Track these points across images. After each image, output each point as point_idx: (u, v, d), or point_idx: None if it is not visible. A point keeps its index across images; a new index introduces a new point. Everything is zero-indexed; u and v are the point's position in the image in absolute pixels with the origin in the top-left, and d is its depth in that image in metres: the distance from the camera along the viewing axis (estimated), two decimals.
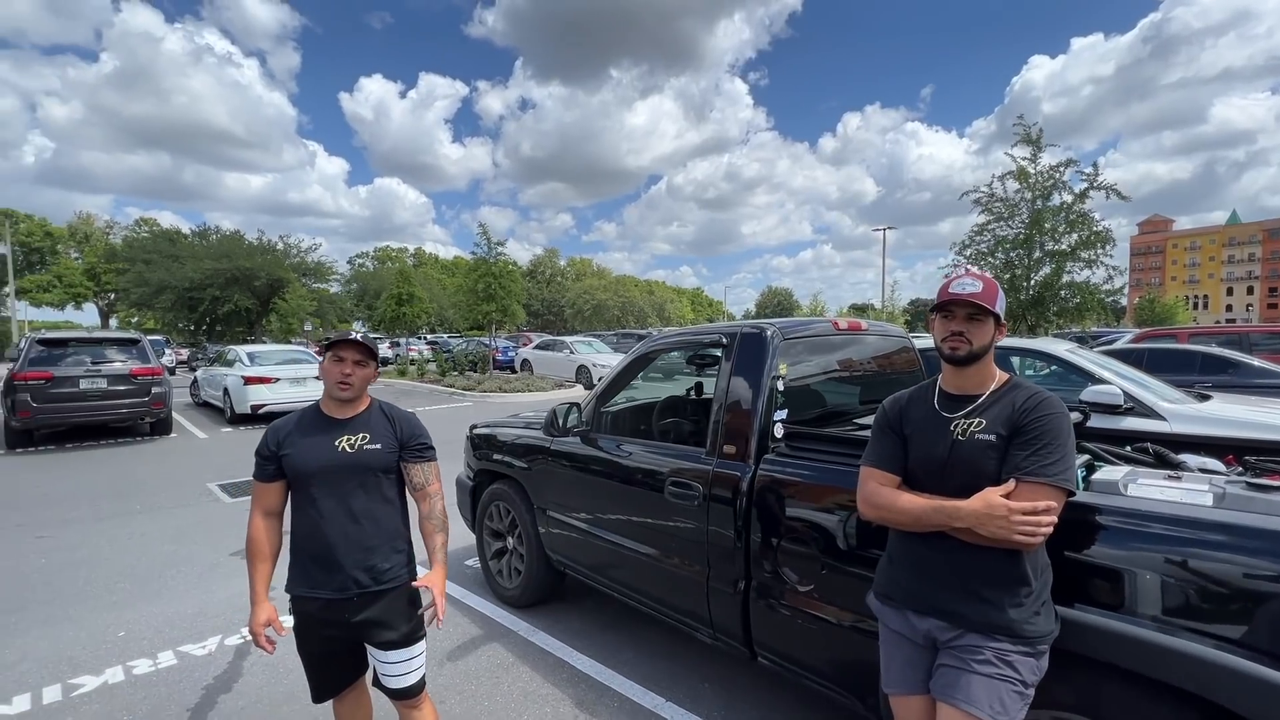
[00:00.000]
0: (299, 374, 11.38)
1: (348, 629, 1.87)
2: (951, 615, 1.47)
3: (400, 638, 1.88)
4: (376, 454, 1.90)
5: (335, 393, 1.89)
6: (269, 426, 1.97)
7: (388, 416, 1.98)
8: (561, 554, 3.38)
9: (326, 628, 1.88)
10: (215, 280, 29.84)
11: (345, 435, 1.89)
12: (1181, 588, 1.47)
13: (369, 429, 1.93)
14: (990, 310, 1.53)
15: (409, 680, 1.91)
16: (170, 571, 4.35)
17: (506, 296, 16.79)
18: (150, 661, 3.13)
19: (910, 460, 1.62)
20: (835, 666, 2.15)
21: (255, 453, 1.94)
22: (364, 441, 1.90)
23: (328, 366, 1.88)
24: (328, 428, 1.91)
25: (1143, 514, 1.59)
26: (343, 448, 1.88)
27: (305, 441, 1.89)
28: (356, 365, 1.88)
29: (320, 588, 1.85)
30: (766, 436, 2.43)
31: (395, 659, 1.89)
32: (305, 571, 1.88)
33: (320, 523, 1.86)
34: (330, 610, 1.86)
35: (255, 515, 1.93)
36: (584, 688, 2.88)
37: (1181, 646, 1.40)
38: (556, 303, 56.90)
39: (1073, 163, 10.46)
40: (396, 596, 1.90)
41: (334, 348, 1.88)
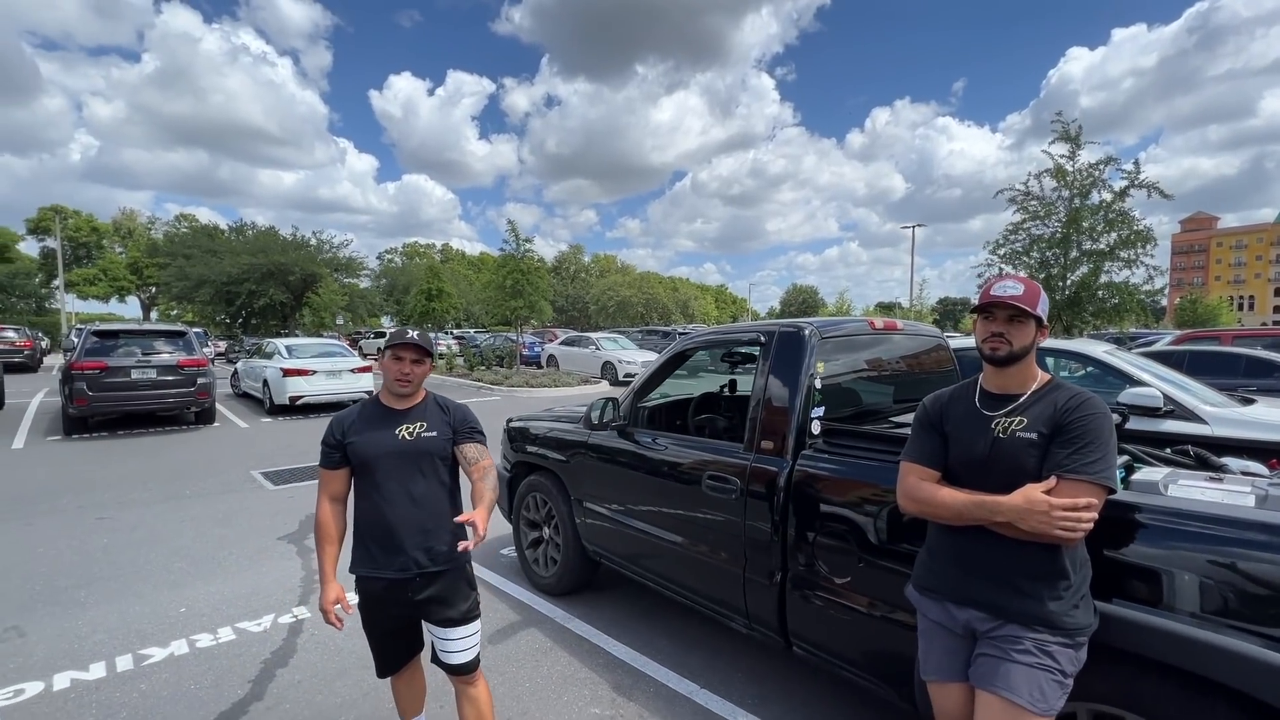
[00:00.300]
0: (334, 367, 11.72)
1: (410, 607, 2.01)
2: (991, 607, 1.52)
3: (458, 616, 2.01)
4: (434, 440, 2.04)
5: (395, 389, 2.03)
6: (333, 417, 2.11)
7: (441, 406, 2.12)
8: (597, 544, 3.48)
9: (390, 606, 2.02)
10: (252, 275, 30.65)
11: (405, 424, 2.04)
12: (1222, 586, 1.49)
13: (426, 418, 2.07)
14: (1031, 313, 1.58)
15: (465, 657, 2.03)
16: (223, 553, 4.57)
17: (534, 293, 16.97)
18: (211, 636, 3.32)
19: (950, 457, 1.68)
20: (871, 657, 2.21)
21: (321, 442, 2.08)
22: (422, 429, 2.04)
23: (387, 364, 2.02)
24: (389, 418, 2.05)
25: (1183, 513, 1.62)
26: (403, 435, 2.01)
27: (369, 430, 2.03)
28: (414, 364, 2.02)
29: (384, 569, 1.99)
30: (804, 433, 2.49)
31: (452, 636, 2.01)
32: (369, 553, 2.02)
33: (383, 506, 1.99)
34: (394, 590, 1.99)
35: (322, 500, 2.07)
36: (620, 673, 2.98)
37: (1226, 643, 1.43)
38: (581, 299, 57.23)
39: (1113, 160, 10.20)
40: (454, 576, 2.03)
41: (394, 348, 2.01)
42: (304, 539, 4.89)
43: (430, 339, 2.09)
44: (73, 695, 2.77)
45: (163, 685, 2.86)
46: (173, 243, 37.61)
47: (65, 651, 3.14)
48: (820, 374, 2.58)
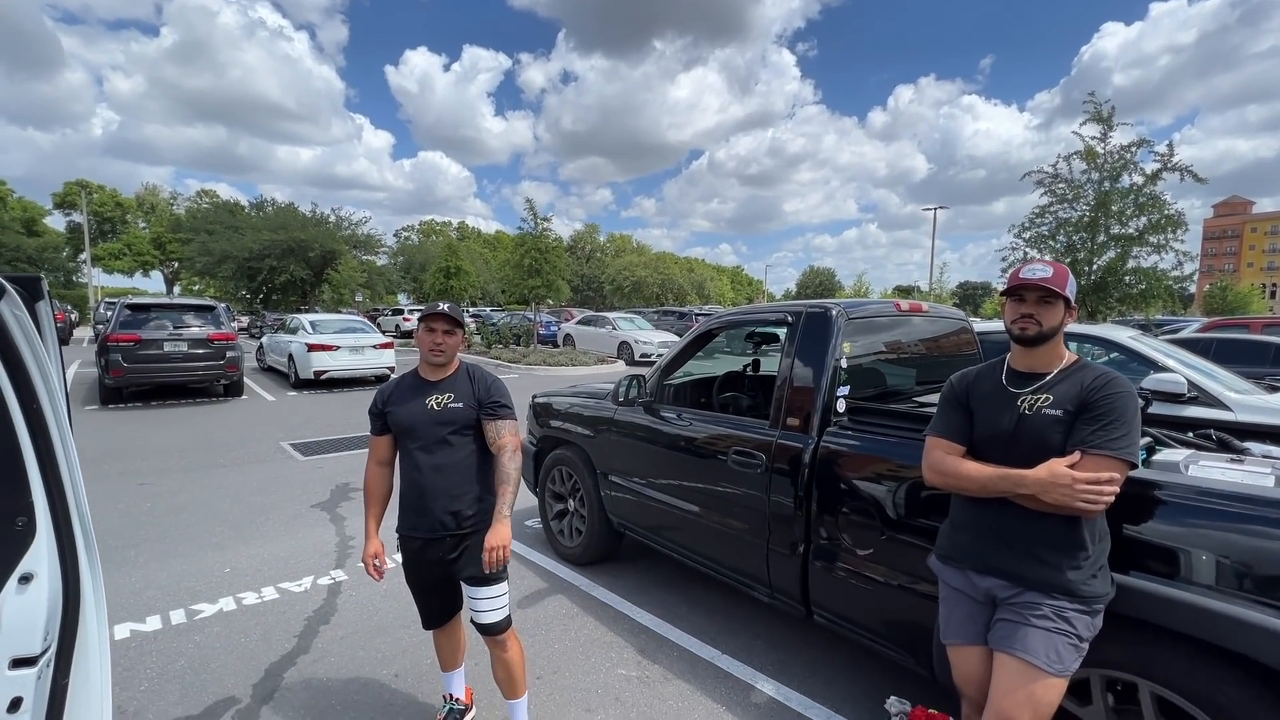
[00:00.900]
0: (358, 343, 11.94)
1: (444, 566, 2.16)
2: (1012, 575, 1.60)
3: (483, 576, 2.09)
4: (459, 411, 2.14)
5: (429, 358, 2.15)
6: (379, 388, 2.25)
7: (471, 377, 2.22)
8: (622, 516, 3.60)
9: (426, 565, 2.19)
10: (272, 251, 31.05)
11: (435, 395, 2.15)
12: (1239, 561, 1.56)
13: (454, 389, 2.17)
14: (1060, 294, 1.63)
15: (493, 617, 2.13)
16: (260, 519, 4.77)
17: (552, 272, 17.05)
18: (256, 595, 3.50)
19: (976, 432, 1.74)
20: (891, 625, 2.31)
21: (368, 411, 2.25)
22: (449, 400, 2.14)
23: (421, 336, 2.14)
24: (422, 389, 2.18)
25: (1203, 491, 1.68)
26: (431, 405, 2.13)
27: (404, 401, 2.17)
28: (446, 334, 2.12)
29: (417, 529, 2.16)
30: (829, 411, 2.56)
31: (480, 595, 2.13)
32: (407, 514, 2.19)
33: (415, 473, 2.14)
34: (429, 549, 2.16)
35: (370, 464, 2.24)
36: (644, 638, 3.11)
37: (1239, 612, 1.50)
38: (596, 279, 57.18)
39: (1146, 142, 9.93)
40: (479, 538, 2.12)
41: (426, 320, 2.12)
42: (336, 507, 5.08)
43: (460, 311, 2.19)
44: (133, 645, 2.97)
45: (215, 638, 3.04)
46: (195, 218, 38.16)
47: (121, 605, 3.34)
48: (846, 354, 2.64)
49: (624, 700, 2.61)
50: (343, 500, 5.27)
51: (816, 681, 2.73)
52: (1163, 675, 1.63)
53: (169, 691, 2.61)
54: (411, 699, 2.59)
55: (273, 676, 2.73)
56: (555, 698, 2.62)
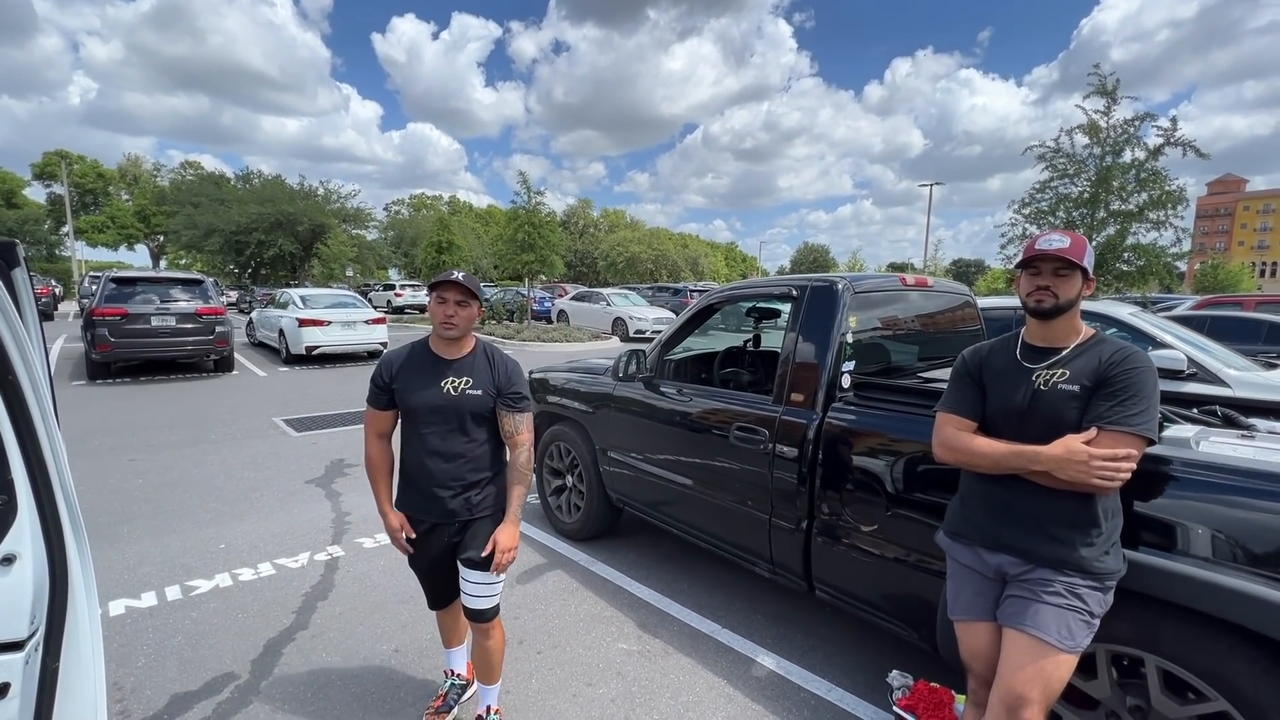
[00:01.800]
0: (349, 318, 11.79)
1: (449, 548, 2.11)
2: (1024, 552, 1.58)
3: (483, 560, 2.02)
4: (476, 399, 2.02)
5: (441, 332, 2.01)
6: (382, 357, 2.12)
7: (490, 361, 2.08)
8: (622, 492, 3.58)
9: (431, 548, 2.12)
10: (260, 224, 30.54)
11: (451, 377, 2.01)
12: (1251, 536, 1.54)
13: (472, 373, 2.03)
14: (1077, 265, 1.58)
15: (484, 604, 2.08)
16: (254, 495, 4.72)
17: (545, 247, 16.86)
18: (252, 571, 3.47)
19: (989, 408, 1.71)
20: (894, 600, 2.30)
21: (371, 381, 2.10)
22: (466, 385, 2.01)
23: (433, 308, 2.00)
24: (436, 367, 2.03)
25: (1214, 466, 1.66)
26: (447, 390, 2.00)
27: (415, 379, 2.03)
28: (459, 305, 1.97)
29: (425, 514, 2.08)
30: (834, 386, 2.52)
31: (476, 579, 2.05)
32: (411, 498, 2.10)
33: (425, 457, 2.04)
34: (435, 532, 2.09)
35: (370, 438, 2.12)
36: (645, 612, 3.11)
37: (1251, 588, 1.48)
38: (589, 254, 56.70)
39: (1150, 117, 9.78)
40: (491, 523, 2.09)
41: (436, 289, 1.98)
42: (331, 483, 5.04)
43: (475, 281, 2.03)
44: (129, 621, 2.94)
45: (212, 614, 3.01)
46: (180, 190, 37.43)
47: (117, 581, 3.30)
48: (852, 328, 2.59)
49: (625, 674, 2.61)
50: (338, 476, 5.23)
51: (817, 655, 2.74)
52: (1170, 650, 1.63)
53: (166, 667, 2.59)
54: (411, 675, 2.58)
55: (271, 652, 2.71)
56: (556, 672, 2.62)
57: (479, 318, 2.12)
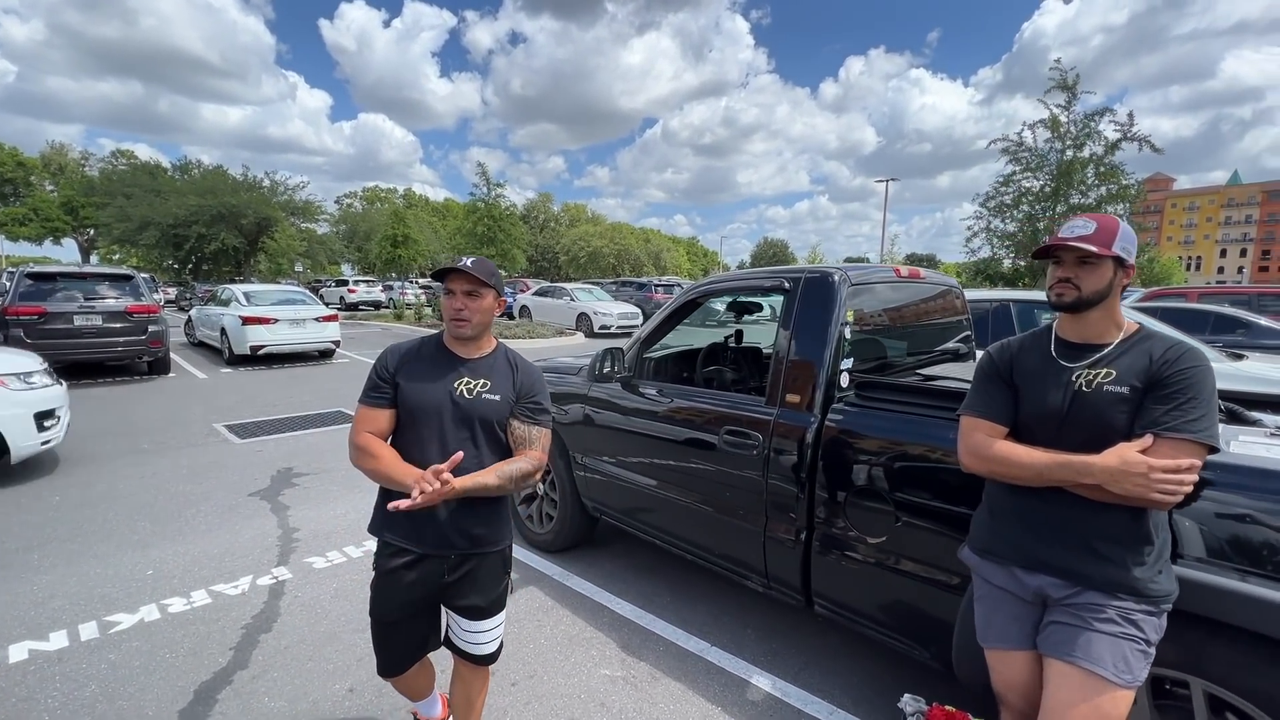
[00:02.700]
0: (298, 315, 11.15)
1: (437, 590, 1.74)
2: (1069, 573, 1.41)
3: (486, 604, 1.76)
4: (494, 405, 1.71)
5: (454, 331, 1.71)
6: (387, 348, 1.79)
7: (511, 364, 1.79)
8: (598, 500, 3.33)
9: (415, 587, 1.71)
10: (200, 217, 28.87)
11: (466, 378, 1.71)
12: None
13: (492, 376, 1.73)
14: (1105, 254, 1.41)
15: (489, 648, 1.81)
16: (190, 511, 4.29)
17: (506, 240, 16.42)
18: (184, 600, 3.09)
19: (1022, 411, 1.54)
20: (904, 617, 2.13)
21: (372, 373, 1.74)
22: (484, 389, 1.71)
23: (443, 302, 1.73)
24: (449, 365, 1.73)
25: (1259, 471, 1.53)
26: (461, 391, 1.69)
27: (424, 375, 1.71)
28: (469, 297, 1.68)
29: (413, 542, 1.69)
30: (833, 386, 2.33)
31: (479, 628, 1.77)
32: (399, 520, 1.66)
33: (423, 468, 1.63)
34: (422, 565, 1.70)
35: (359, 433, 1.70)
36: (626, 631, 2.88)
37: None
38: (551, 249, 55.93)
39: (1109, 111, 10.04)
40: (493, 560, 1.78)
41: (445, 277, 1.69)
42: (278, 494, 4.63)
43: (490, 266, 1.72)
44: (32, 668, 2.54)
45: (134, 654, 2.64)
46: (111, 181, 34.99)
47: (20, 620, 2.88)
48: (851, 323, 2.41)
49: (610, 706, 2.37)
50: (285, 487, 4.82)
51: (813, 674, 2.56)
52: (1218, 673, 1.49)
53: None
54: (369, 718, 2.29)
55: (204, 699, 2.36)
56: (534, 706, 2.37)
57: (498, 311, 1.80)
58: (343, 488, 4.80)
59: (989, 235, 11.87)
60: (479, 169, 16.28)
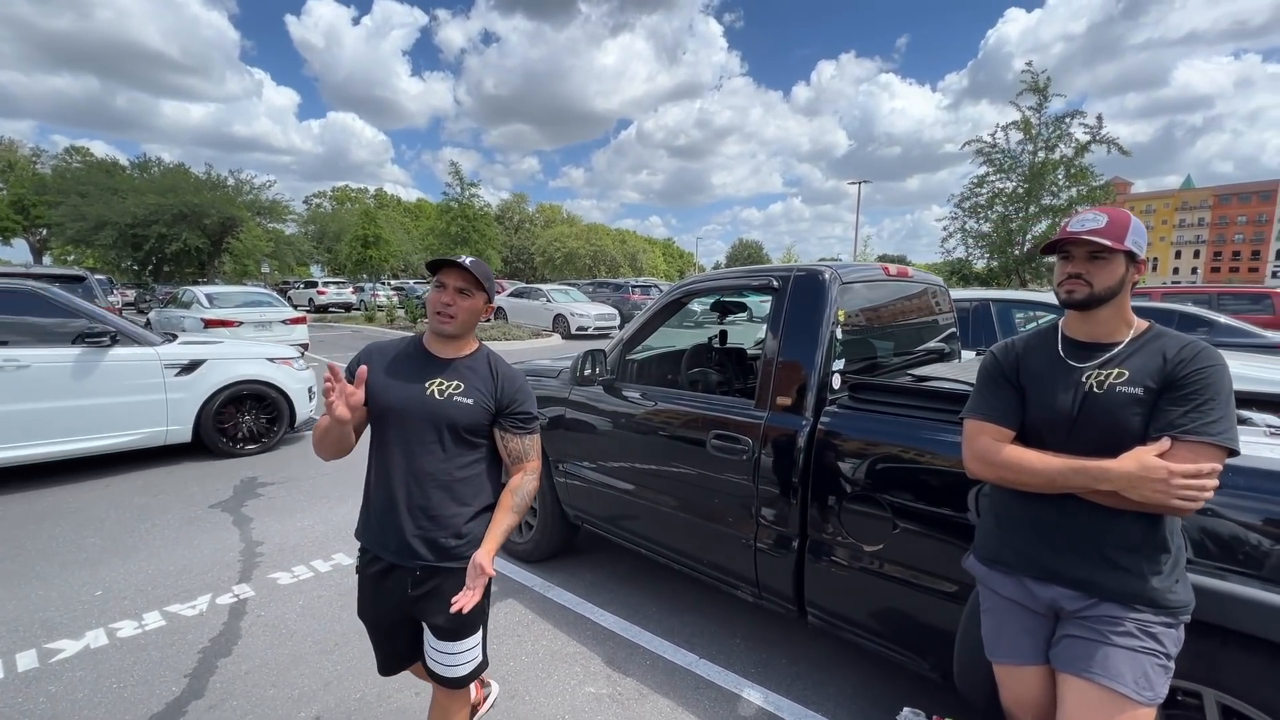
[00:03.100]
0: (264, 317, 10.78)
1: (405, 602, 1.63)
2: (1084, 584, 1.34)
3: (455, 627, 1.61)
4: (464, 409, 1.61)
5: (436, 325, 1.63)
6: (365, 346, 1.72)
7: (493, 370, 1.70)
8: (580, 508, 3.21)
9: (386, 596, 1.65)
10: (161, 216, 27.84)
11: (439, 378, 1.63)
12: None
13: (467, 378, 1.65)
14: (1116, 248, 1.35)
15: (458, 671, 1.66)
16: (144, 526, 4.04)
17: (481, 241, 16.15)
18: (135, 624, 2.88)
19: (1029, 414, 1.47)
20: (902, 628, 2.06)
21: (345, 368, 1.63)
22: (456, 391, 1.62)
23: (430, 295, 1.65)
24: (424, 365, 1.66)
25: (1264, 473, 1.49)
26: (431, 392, 1.61)
27: (396, 374, 1.64)
28: (460, 294, 1.61)
29: (382, 548, 1.63)
30: (825, 388, 2.25)
31: (448, 649, 1.64)
32: (370, 526, 1.67)
33: (389, 474, 1.62)
34: (392, 577, 1.63)
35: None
36: (611, 645, 2.77)
37: None
38: (526, 250, 55.47)
39: (1079, 114, 10.25)
40: (456, 580, 1.63)
41: (436, 271, 1.62)
42: (240, 506, 4.41)
43: (487, 270, 1.66)
44: None
45: (77, 685, 2.43)
46: (64, 179, 33.48)
47: None
48: (842, 322, 2.34)
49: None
50: (249, 498, 4.59)
51: (805, 684, 2.48)
52: (1233, 684, 1.44)
53: None
54: None
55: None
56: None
57: (486, 316, 1.72)
58: (310, 497, 4.59)
59: (964, 236, 12.18)
60: (452, 168, 15.97)
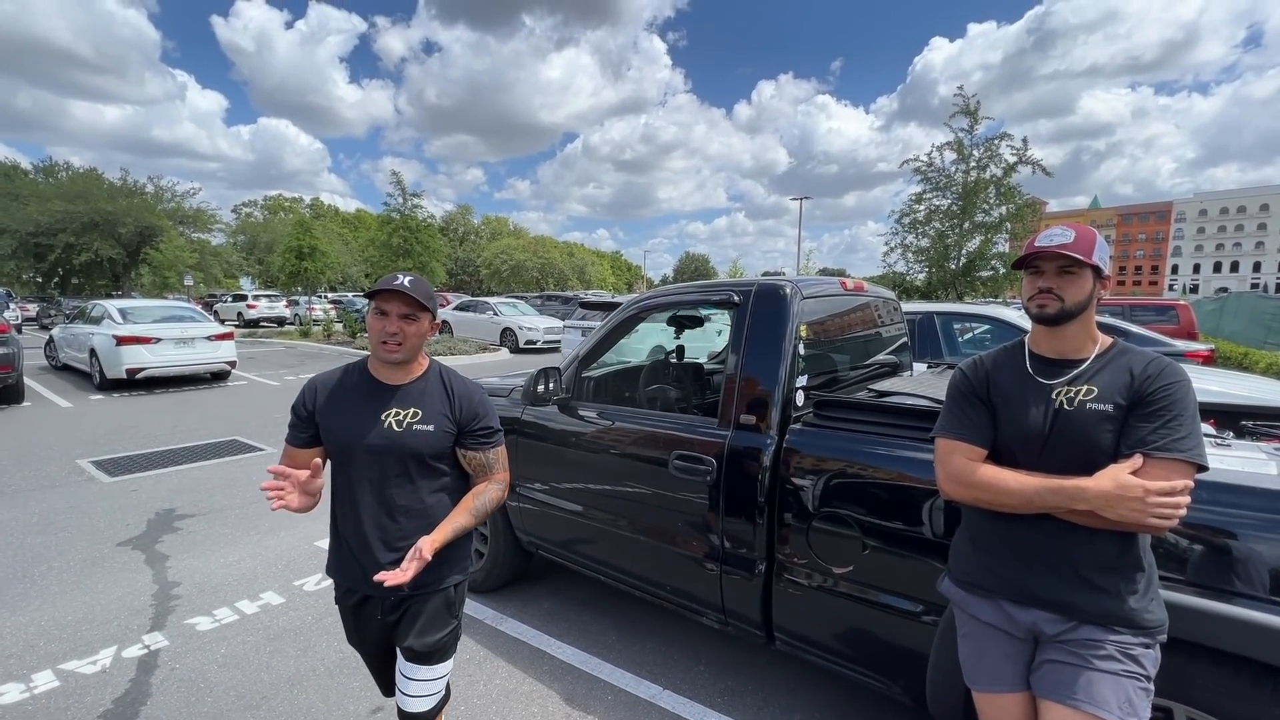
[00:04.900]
0: (185, 333, 10.05)
1: (384, 629, 1.64)
2: (1062, 606, 1.31)
3: (424, 649, 1.58)
4: (426, 437, 1.56)
5: (382, 355, 1.54)
6: (308, 381, 1.61)
7: (447, 390, 1.62)
8: (535, 534, 3.05)
9: (366, 626, 1.66)
10: (68, 225, 25.85)
11: (394, 409, 1.56)
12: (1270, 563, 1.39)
13: (422, 403, 1.58)
14: (1086, 262, 1.35)
15: (423, 704, 1.62)
16: (39, 569, 3.60)
17: (424, 253, 15.67)
18: (21, 686, 2.52)
19: (1001, 433, 1.44)
20: (870, 650, 2.01)
21: (291, 409, 1.61)
22: (413, 419, 1.56)
23: (370, 322, 1.55)
24: (374, 395, 1.58)
25: (1230, 487, 1.51)
26: (389, 424, 1.54)
27: (346, 409, 1.57)
28: (405, 321, 1.51)
29: (354, 582, 1.61)
30: (790, 405, 2.20)
31: (416, 675, 1.61)
32: (343, 562, 1.63)
33: (358, 511, 1.57)
34: (368, 608, 1.63)
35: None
36: (570, 680, 2.61)
37: None
38: (471, 262, 54.45)
39: (1007, 136, 10.90)
40: (437, 602, 1.62)
41: (375, 298, 1.52)
42: (155, 542, 4.00)
43: (428, 288, 1.57)
44: None
45: None
46: None
47: None
48: (804, 338, 2.30)
49: None
50: (165, 533, 4.18)
51: (773, 711, 2.40)
52: (1202, 699, 1.44)
53: None
54: None
55: None
56: None
57: (432, 334, 1.62)
58: (236, 529, 4.22)
59: (904, 250, 12.74)
60: (394, 177, 15.47)
